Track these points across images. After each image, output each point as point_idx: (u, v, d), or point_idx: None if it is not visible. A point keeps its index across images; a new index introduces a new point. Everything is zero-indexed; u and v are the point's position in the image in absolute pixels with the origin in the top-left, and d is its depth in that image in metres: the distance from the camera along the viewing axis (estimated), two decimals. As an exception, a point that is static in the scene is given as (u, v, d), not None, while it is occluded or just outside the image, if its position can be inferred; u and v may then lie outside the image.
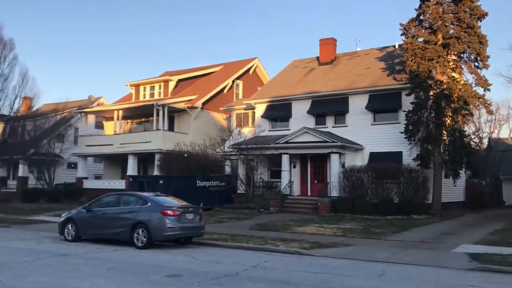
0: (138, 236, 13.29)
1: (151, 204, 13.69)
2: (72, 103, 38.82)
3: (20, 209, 26.84)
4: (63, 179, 37.59)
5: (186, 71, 39.32)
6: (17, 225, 20.11)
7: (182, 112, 33.35)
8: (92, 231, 14.57)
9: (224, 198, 26.96)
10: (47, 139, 35.40)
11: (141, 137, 32.43)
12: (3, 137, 27.42)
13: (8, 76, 25.61)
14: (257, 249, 13.39)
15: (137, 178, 26.45)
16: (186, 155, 29.20)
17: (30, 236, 16.21)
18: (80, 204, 30.24)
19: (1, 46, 25.24)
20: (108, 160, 37.16)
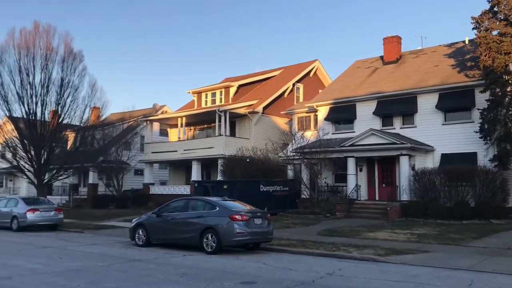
0: (207, 241, 13.20)
1: (219, 209, 13.58)
2: (137, 112, 40.02)
3: (91, 215, 27.85)
4: (130, 185, 38.80)
5: (246, 77, 39.44)
6: (90, 230, 20.79)
7: (243, 117, 33.40)
8: (161, 236, 14.68)
9: (287, 203, 26.59)
10: (115, 147, 36.63)
11: (204, 143, 32.79)
12: (74, 146, 28.57)
13: (78, 87, 26.74)
14: (329, 256, 12.90)
15: (202, 183, 26.68)
16: (248, 160, 29.12)
17: (102, 241, 16.64)
18: (147, 210, 31.06)
19: (71, 58, 26.38)
20: (173, 166, 37.91)
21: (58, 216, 21.52)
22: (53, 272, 10.01)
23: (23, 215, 20.46)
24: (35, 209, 20.72)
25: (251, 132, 33.04)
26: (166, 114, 39.35)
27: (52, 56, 25.96)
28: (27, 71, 25.47)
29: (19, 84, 25.42)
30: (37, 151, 25.87)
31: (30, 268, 10.59)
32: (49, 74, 25.93)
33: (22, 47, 25.37)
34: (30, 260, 11.79)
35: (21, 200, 21.61)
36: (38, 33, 25.81)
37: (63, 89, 26.07)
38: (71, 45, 26.50)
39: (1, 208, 21.81)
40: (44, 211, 21.10)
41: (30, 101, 25.72)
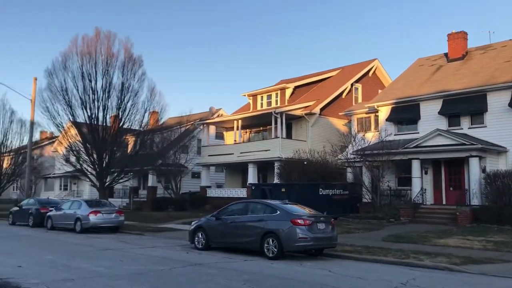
0: (268, 246, 12.71)
1: (281, 213, 13.06)
2: (194, 116, 40.39)
3: (151, 217, 28.16)
4: (188, 188, 39.13)
5: (302, 78, 38.78)
6: (149, 232, 20.89)
7: (299, 119, 32.77)
8: (221, 240, 14.37)
9: (348, 207, 25.64)
10: (173, 150, 37.09)
11: (260, 145, 32.45)
12: (134, 149, 29.06)
13: (138, 91, 27.15)
14: (398, 264, 12.05)
15: (259, 186, 26.29)
16: (305, 162, 28.44)
17: (162, 244, 16.56)
18: (205, 212, 31.12)
19: (131, 63, 26.84)
20: (229, 169, 37.88)
21: (119, 218, 21.81)
22: (115, 276, 9.87)
23: (86, 217, 20.89)
24: (97, 211, 21.11)
25: (308, 134, 32.33)
26: (222, 117, 39.43)
27: (113, 62, 26.56)
28: (89, 76, 26.19)
29: (82, 90, 26.18)
30: (99, 154, 26.51)
31: (92, 270, 10.53)
32: (110, 79, 26.55)
33: (84, 53, 26.13)
34: (92, 262, 11.79)
35: (84, 203, 22.11)
36: (99, 39, 26.51)
37: (123, 93, 26.59)
38: (130, 50, 27.03)
39: (65, 210, 22.43)
40: (105, 213, 21.45)
41: (93, 106, 26.41)
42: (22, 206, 26.53)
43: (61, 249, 15.12)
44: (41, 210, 24.42)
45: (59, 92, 26.16)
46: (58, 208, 23.18)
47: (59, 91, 26.10)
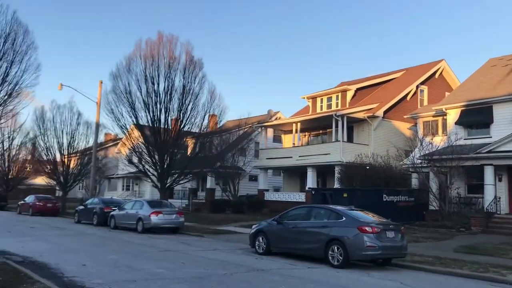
0: (333, 253, 12.10)
1: (346, 219, 12.40)
2: (252, 119, 40.26)
3: (209, 219, 28.21)
4: (245, 190, 39.04)
5: (363, 80, 37.64)
6: (209, 234, 20.79)
7: (361, 122, 31.74)
8: (282, 245, 13.90)
9: (413, 215, 24.40)
10: (231, 153, 37.14)
11: (320, 149, 31.72)
12: (194, 151, 29.24)
13: (198, 94, 27.25)
14: (476, 278, 11.08)
15: (320, 190, 25.62)
16: (368, 167, 27.42)
17: (222, 247, 16.34)
18: (262, 216, 30.80)
19: (192, 66, 26.99)
20: (287, 173, 37.39)
21: (180, 219, 21.90)
22: (177, 279, 9.67)
23: (148, 217, 21.12)
24: (158, 212, 21.29)
25: (370, 137, 31.24)
26: (280, 120, 39.03)
27: (175, 65, 26.85)
28: (152, 79, 26.60)
29: (145, 92, 26.62)
30: (160, 156, 26.86)
31: (154, 272, 10.40)
32: (171, 82, 26.84)
33: (147, 56, 26.59)
34: (154, 264, 11.70)
35: (146, 203, 22.40)
36: (162, 43, 26.90)
37: (184, 96, 26.81)
38: (191, 53, 27.21)
39: (128, 210, 22.82)
40: (166, 214, 21.61)
41: (155, 108, 26.80)
42: (87, 205, 27.37)
43: (124, 249, 15.25)
44: (105, 210, 25.06)
45: (123, 95, 26.78)
46: (121, 208, 23.66)
47: (123, 93, 26.72)
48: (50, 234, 19.90)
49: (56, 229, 22.81)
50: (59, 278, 9.34)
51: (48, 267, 10.74)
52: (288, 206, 30.84)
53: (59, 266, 10.86)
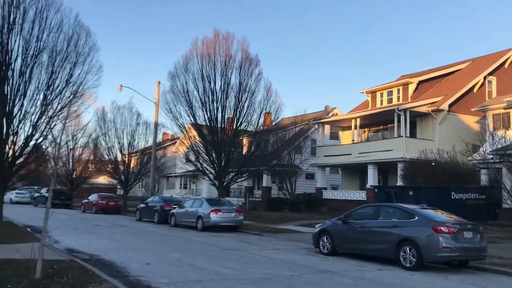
0: (405, 255, 11.35)
1: (419, 219, 11.61)
2: (309, 115, 39.54)
3: (266, 217, 27.86)
4: (302, 189, 38.45)
5: (425, 72, 35.96)
6: (268, 233, 20.45)
7: (424, 116, 30.29)
8: (348, 245, 13.28)
9: (483, 213, 22.87)
10: (287, 151, 36.69)
11: (381, 145, 30.56)
12: (250, 149, 29.05)
13: (254, 91, 27.06)
14: None
15: (383, 188, 24.63)
16: (433, 163, 26.06)
17: (284, 246, 15.92)
18: (321, 214, 30.13)
19: (248, 63, 26.82)
20: (346, 170, 36.44)
21: (239, 217, 21.71)
22: (243, 279, 9.34)
23: (207, 215, 21.07)
24: (217, 210, 21.20)
25: (434, 132, 29.73)
26: (338, 116, 38.07)
27: (231, 63, 26.79)
28: (208, 78, 26.67)
29: (202, 91, 26.72)
30: (218, 154, 26.88)
31: (218, 272, 10.14)
32: (228, 80, 26.80)
33: (204, 55, 26.68)
34: (217, 263, 11.45)
35: (205, 201, 22.39)
36: (218, 41, 26.91)
37: (240, 93, 26.70)
38: (247, 50, 27.05)
39: (188, 208, 22.92)
40: (226, 212, 21.48)
41: (212, 107, 26.86)
42: (148, 203, 27.81)
43: (186, 247, 15.17)
44: (165, 208, 25.32)
45: (181, 94, 27.01)
46: (181, 206, 23.82)
47: (181, 93, 26.96)
48: (113, 232, 20.29)
49: (119, 227, 23.27)
50: (126, 277, 9.27)
51: (114, 266, 10.76)
52: (348, 205, 30.15)
53: (125, 264, 10.85)
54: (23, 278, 7.99)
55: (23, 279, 7.96)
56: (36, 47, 18.62)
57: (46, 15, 18.59)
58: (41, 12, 18.54)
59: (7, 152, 18.49)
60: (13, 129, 18.32)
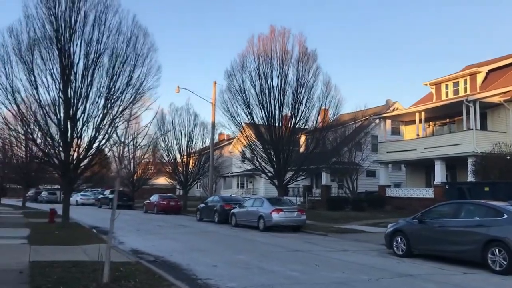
0: (494, 257, 10.25)
1: (509, 217, 10.46)
2: (369, 110, 38.14)
3: (328, 217, 26.97)
4: (363, 187, 37.16)
5: (496, 60, 33.54)
6: (333, 233, 19.65)
7: (496, 107, 28.23)
8: (425, 246, 12.27)
9: None
10: (347, 148, 35.57)
11: (449, 139, 28.80)
12: (309, 147, 28.26)
13: (313, 87, 26.25)
14: None
15: (455, 184, 23.06)
16: (508, 157, 24.18)
17: (352, 247, 15.08)
18: (386, 213, 28.85)
19: (305, 58, 26.06)
20: (410, 167, 34.77)
21: (301, 217, 21.03)
22: (316, 284, 8.70)
23: (269, 215, 20.54)
24: (279, 209, 20.61)
25: (508, 124, 27.60)
26: (401, 110, 36.38)
27: (287, 58, 26.15)
28: (265, 75, 26.18)
29: (259, 89, 26.28)
30: (276, 153, 26.32)
31: (288, 275, 9.55)
32: (285, 76, 26.18)
33: (260, 52, 26.22)
34: (285, 266, 10.87)
35: (266, 200, 21.88)
36: (274, 37, 26.37)
37: (298, 89, 26.02)
38: (304, 45, 26.30)
39: (248, 207, 22.50)
40: (287, 211, 20.86)
41: (269, 105, 26.32)
42: (207, 203, 27.70)
43: (250, 248, 14.71)
44: (225, 207, 25.05)
45: (238, 93, 26.70)
46: (241, 205, 23.46)
47: (238, 92, 26.64)
48: (175, 232, 20.22)
49: (180, 227, 23.25)
50: (193, 281, 8.88)
51: (180, 268, 10.44)
52: (414, 203, 28.68)
53: (191, 266, 10.50)
54: (91, 282, 7.75)
55: (91, 282, 7.72)
56: (96, 50, 18.88)
57: (105, 17, 18.81)
58: (100, 15, 18.77)
59: (72, 155, 18.85)
60: (77, 132, 18.64)
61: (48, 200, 56.42)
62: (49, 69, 18.54)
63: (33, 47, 18.42)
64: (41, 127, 18.53)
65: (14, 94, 18.10)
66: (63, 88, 18.62)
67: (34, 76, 18.03)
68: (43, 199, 57.34)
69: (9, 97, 18.07)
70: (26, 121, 18.35)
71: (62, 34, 18.56)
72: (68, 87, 18.64)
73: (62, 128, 18.50)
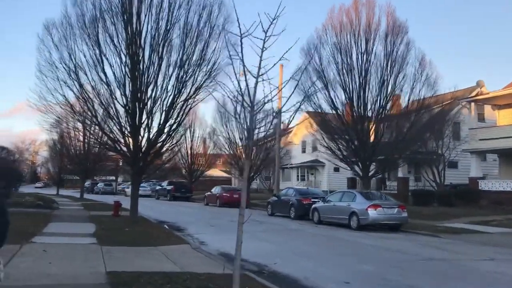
0: None
1: None
2: (457, 93, 33.91)
3: (418, 213, 23.48)
4: (446, 179, 33.28)
5: None
6: (443, 233, 16.49)
7: None
8: None
9: None
10: (426, 136, 31.77)
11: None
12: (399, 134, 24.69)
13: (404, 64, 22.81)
14: None
15: None
16: None
17: (494, 254, 11.90)
18: (481, 209, 25.17)
19: (394, 31, 22.67)
20: (504, 157, 30.65)
21: (402, 214, 17.87)
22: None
23: (364, 211, 17.50)
24: (377, 205, 17.52)
25: None
26: (496, 92, 32.09)
27: (373, 31, 22.85)
28: (347, 51, 23.08)
29: (340, 67, 23.16)
30: (361, 140, 23.16)
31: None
32: (370, 52, 22.94)
33: (342, 25, 23.05)
34: (447, 284, 7.93)
35: (359, 194, 18.84)
36: (357, 8, 23.12)
37: (387, 67, 22.66)
38: (393, 16, 22.87)
39: (335, 202, 19.56)
40: (386, 207, 17.74)
41: (351, 86, 23.19)
42: (280, 197, 25.06)
43: (364, 253, 11.86)
44: (304, 202, 22.25)
45: (315, 72, 23.66)
46: (325, 200, 20.55)
47: (316, 70, 23.60)
48: (256, 230, 17.61)
49: (256, 223, 20.60)
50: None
51: (302, 285, 7.77)
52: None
53: (314, 283, 7.88)
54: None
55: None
56: (168, 20, 16.43)
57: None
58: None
59: (140, 141, 16.59)
60: (147, 114, 16.32)
61: (104, 191, 55.87)
62: (114, 44, 16.33)
63: (98, 19, 16.22)
64: (106, 109, 16.33)
65: (77, 71, 15.96)
66: (131, 65, 16.35)
67: (100, 50, 15.80)
68: (99, 190, 56.87)
69: (72, 75, 15.94)
70: (90, 102, 16.17)
71: (129, 3, 16.26)
72: (135, 64, 16.34)
73: (130, 110, 16.23)
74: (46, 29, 16.37)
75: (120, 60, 16.31)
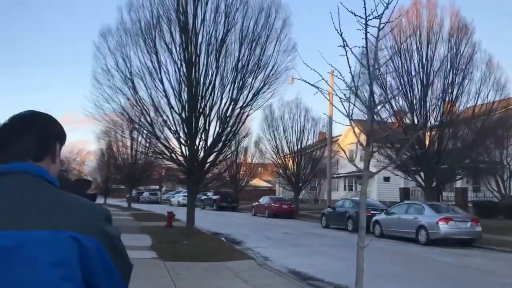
0: None
1: None
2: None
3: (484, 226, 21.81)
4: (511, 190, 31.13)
5: None
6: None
7: None
8: None
9: None
10: (485, 144, 29.80)
11: None
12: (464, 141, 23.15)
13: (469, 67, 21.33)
14: None
15: None
16: None
17: None
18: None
19: (459, 32, 21.26)
20: None
21: (475, 228, 16.47)
22: None
23: (434, 225, 16.19)
24: (448, 219, 16.19)
25: None
26: None
27: (436, 33, 21.54)
28: (407, 54, 21.81)
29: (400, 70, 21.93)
30: (424, 148, 21.78)
31: None
32: (431, 54, 21.61)
33: (400, 27, 21.82)
34: None
35: (427, 207, 17.52)
36: (417, 8, 21.88)
37: (450, 71, 21.29)
38: (458, 17, 21.49)
39: (399, 214, 18.32)
40: (458, 221, 16.38)
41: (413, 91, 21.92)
42: (335, 208, 23.97)
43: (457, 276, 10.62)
44: (363, 214, 21.05)
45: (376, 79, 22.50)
46: (388, 212, 19.32)
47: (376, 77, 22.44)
48: (313, 243, 16.77)
49: (312, 236, 19.73)
50: None
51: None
52: None
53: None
54: None
55: None
56: (226, 25, 15.84)
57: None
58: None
59: (196, 150, 15.97)
60: (204, 122, 15.72)
61: (150, 200, 56.05)
62: (170, 50, 15.89)
63: (154, 25, 15.83)
64: (162, 117, 15.85)
65: (132, 78, 15.57)
66: (187, 71, 15.83)
67: (157, 56, 15.38)
68: (144, 199, 57.10)
69: (128, 82, 15.57)
70: (146, 110, 15.72)
71: (185, 10, 15.79)
72: (191, 71, 15.81)
73: (186, 117, 15.66)
74: (102, 36, 16.11)
75: (176, 66, 15.84)
